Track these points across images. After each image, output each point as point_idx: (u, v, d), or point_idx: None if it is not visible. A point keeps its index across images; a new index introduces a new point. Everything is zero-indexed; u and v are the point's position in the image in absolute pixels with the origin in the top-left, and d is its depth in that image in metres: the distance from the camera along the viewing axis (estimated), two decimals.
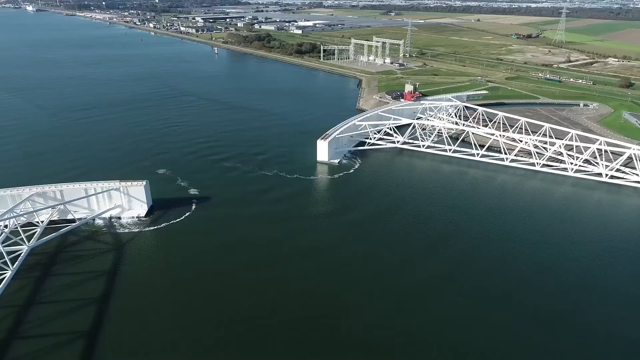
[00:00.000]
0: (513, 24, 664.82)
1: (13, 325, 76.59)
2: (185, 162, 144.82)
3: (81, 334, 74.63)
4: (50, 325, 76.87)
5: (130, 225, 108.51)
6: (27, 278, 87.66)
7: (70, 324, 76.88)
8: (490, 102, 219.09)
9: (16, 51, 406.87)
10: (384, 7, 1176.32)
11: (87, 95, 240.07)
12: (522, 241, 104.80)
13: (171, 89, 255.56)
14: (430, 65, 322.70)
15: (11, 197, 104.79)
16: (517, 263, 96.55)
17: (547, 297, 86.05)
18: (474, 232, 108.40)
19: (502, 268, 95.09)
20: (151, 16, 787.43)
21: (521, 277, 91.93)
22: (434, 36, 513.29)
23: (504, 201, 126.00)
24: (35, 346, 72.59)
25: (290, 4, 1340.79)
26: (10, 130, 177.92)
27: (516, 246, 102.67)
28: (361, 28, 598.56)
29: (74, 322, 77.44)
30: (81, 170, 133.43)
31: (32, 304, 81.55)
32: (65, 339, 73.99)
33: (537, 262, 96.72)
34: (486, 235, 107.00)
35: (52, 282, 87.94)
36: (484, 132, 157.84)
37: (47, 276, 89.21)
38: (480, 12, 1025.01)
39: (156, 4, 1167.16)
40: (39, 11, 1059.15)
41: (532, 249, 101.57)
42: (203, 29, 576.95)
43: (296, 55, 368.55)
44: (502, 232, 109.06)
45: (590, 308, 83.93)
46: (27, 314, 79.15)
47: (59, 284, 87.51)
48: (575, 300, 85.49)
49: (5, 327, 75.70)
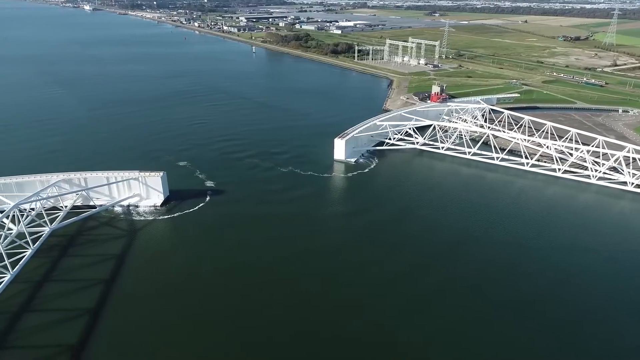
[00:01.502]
0: (562, 26, 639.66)
1: (28, 298, 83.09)
2: (205, 157, 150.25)
3: (87, 311, 79.98)
4: (61, 301, 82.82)
5: (146, 214, 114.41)
6: (46, 257, 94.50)
7: (78, 301, 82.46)
8: (522, 105, 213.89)
9: (68, 48, 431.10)
10: (429, 7, 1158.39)
11: (125, 90, 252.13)
12: (540, 249, 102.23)
13: (205, 87, 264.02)
14: (466, 67, 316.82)
15: (40, 182, 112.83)
16: (535, 272, 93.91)
17: (567, 308, 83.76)
18: (490, 238, 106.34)
19: (519, 276, 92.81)
20: (197, 15, 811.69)
21: (539, 287, 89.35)
22: (474, 37, 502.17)
23: (523, 207, 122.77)
24: (45, 319, 78.61)
25: (335, 4, 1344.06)
26: (54, 121, 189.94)
27: (534, 254, 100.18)
28: (402, 29, 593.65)
29: (82, 299, 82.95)
30: (107, 160, 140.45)
31: (47, 281, 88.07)
32: (73, 314, 79.46)
33: (555, 272, 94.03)
34: (503, 242, 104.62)
35: (68, 262, 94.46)
36: (505, 136, 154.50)
37: (63, 256, 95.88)
38: (530, 13, 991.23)
39: (204, 4, 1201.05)
40: (95, 10, 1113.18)
41: (550, 258, 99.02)
42: (245, 28, 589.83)
43: (331, 55, 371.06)
44: (519, 238, 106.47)
45: (610, 321, 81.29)
46: (41, 289, 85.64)
47: (74, 264, 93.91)
48: (596, 313, 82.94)
49: (21, 301, 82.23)
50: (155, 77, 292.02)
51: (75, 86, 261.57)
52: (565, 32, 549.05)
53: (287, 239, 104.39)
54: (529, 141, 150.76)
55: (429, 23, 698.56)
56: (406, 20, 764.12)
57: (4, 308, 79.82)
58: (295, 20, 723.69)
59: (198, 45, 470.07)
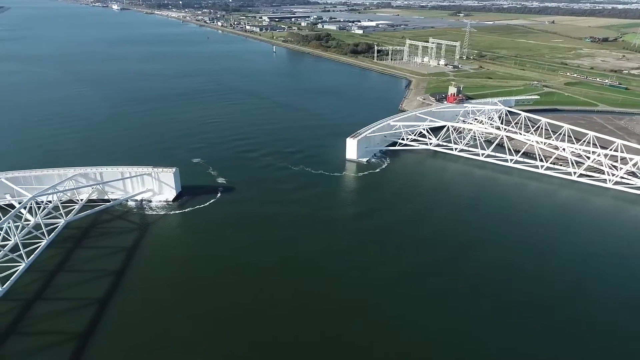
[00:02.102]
0: (591, 27, 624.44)
1: (41, 287, 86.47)
2: (219, 154, 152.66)
3: (96, 301, 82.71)
4: (72, 291, 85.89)
5: (158, 208, 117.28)
6: (60, 248, 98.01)
7: (88, 291, 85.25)
8: (542, 107, 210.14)
9: (94, 47, 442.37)
10: (454, 7, 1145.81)
11: (145, 89, 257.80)
12: (554, 253, 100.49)
13: (224, 86, 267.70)
14: (487, 68, 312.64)
15: (58, 175, 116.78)
16: (550, 276, 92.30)
17: (582, 313, 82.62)
18: (503, 241, 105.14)
19: (533, 280, 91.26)
20: (221, 15, 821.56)
21: (554, 291, 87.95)
22: (498, 38, 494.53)
23: (537, 210, 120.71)
24: (56, 307, 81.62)
25: (358, 4, 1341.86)
26: (76, 118, 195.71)
27: (548, 258, 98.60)
28: (424, 29, 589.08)
29: (92, 290, 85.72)
30: (124, 156, 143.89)
31: (60, 271, 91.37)
32: (83, 303, 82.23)
33: (570, 277, 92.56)
34: (516, 246, 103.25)
35: (81, 253, 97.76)
36: (520, 137, 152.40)
37: (77, 248, 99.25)
38: (558, 13, 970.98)
39: (229, 3, 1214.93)
40: (123, 10, 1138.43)
41: (565, 262, 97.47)
42: (267, 27, 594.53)
43: (351, 55, 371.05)
44: (533, 242, 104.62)
45: (625, 327, 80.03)
46: (53, 279, 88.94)
47: (86, 255, 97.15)
48: (610, 319, 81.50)
49: (34, 289, 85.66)
50: (176, 76, 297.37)
51: (99, 84, 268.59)
52: (593, 33, 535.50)
53: (295, 238, 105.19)
54: (545, 144, 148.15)
55: (453, 23, 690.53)
56: (429, 21, 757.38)
57: (18, 295, 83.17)
58: (318, 20, 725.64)
59: (220, 45, 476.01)
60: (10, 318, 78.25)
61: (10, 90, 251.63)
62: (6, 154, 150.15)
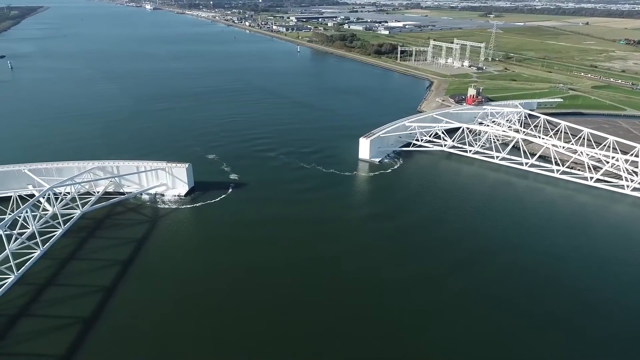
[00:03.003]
0: (627, 28, 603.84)
1: (53, 273, 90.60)
2: (234, 152, 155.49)
3: (104, 288, 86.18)
4: (82, 278, 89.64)
5: (171, 202, 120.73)
6: (75, 237, 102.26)
7: (98, 279, 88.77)
8: (565, 111, 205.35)
9: (125, 45, 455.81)
10: (484, 8, 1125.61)
11: (170, 86, 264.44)
12: (571, 260, 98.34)
13: (246, 85, 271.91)
14: (512, 70, 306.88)
15: (77, 168, 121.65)
16: (565, 284, 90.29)
17: (601, 323, 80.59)
18: (516, 247, 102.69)
19: (548, 287, 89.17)
20: (249, 15, 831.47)
21: (571, 300, 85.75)
22: (527, 39, 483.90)
23: (552, 216, 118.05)
24: (67, 292, 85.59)
25: (387, 5, 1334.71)
26: (101, 113, 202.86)
27: (565, 265, 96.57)
28: (452, 30, 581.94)
29: (101, 277, 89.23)
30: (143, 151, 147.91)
31: (72, 259, 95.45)
32: (92, 290, 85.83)
33: (587, 285, 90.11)
34: (529, 252, 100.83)
35: (94, 243, 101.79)
36: (538, 141, 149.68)
37: (90, 237, 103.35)
38: (594, 14, 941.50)
39: (258, 3, 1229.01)
40: (155, 9, 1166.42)
41: (582, 270, 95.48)
42: (293, 28, 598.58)
43: (374, 56, 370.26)
44: (549, 248, 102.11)
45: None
46: (65, 266, 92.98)
47: (99, 245, 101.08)
48: (630, 329, 79.61)
49: (47, 275, 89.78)
50: (201, 74, 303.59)
51: (126, 81, 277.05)
52: (628, 35, 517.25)
53: (299, 238, 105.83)
54: (563, 148, 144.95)
55: (482, 24, 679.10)
56: (458, 22, 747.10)
57: (32, 281, 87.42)
58: (345, 21, 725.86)
59: (246, 44, 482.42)
60: (23, 301, 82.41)
61: (45, 86, 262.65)
62: (32, 146, 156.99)
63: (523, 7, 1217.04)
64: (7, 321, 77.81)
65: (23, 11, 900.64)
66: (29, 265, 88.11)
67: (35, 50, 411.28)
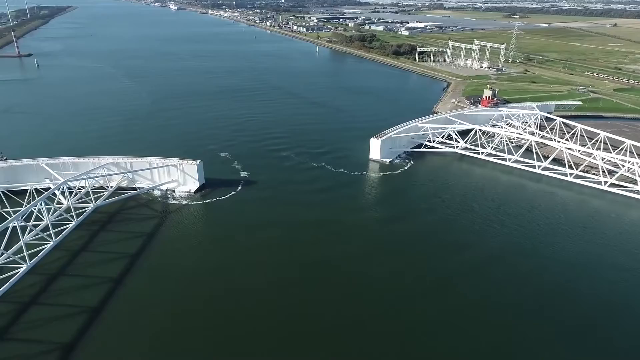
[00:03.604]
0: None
1: (65, 264, 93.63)
2: (246, 150, 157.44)
3: (111, 280, 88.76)
4: (92, 269, 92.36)
5: (181, 198, 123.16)
6: (86, 230, 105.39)
7: (107, 271, 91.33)
8: (584, 114, 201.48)
9: (148, 44, 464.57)
10: (509, 9, 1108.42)
11: (188, 85, 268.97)
12: (587, 266, 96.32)
13: (262, 84, 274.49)
14: (532, 72, 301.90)
15: (92, 163, 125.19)
16: (582, 291, 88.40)
17: (623, 334, 79.04)
18: (529, 252, 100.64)
19: (564, 294, 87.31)
20: (270, 15, 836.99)
21: (590, 309, 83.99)
22: (550, 41, 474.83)
23: (565, 220, 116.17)
24: (77, 283, 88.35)
25: (410, 5, 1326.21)
26: (121, 110, 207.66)
27: (581, 272, 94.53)
28: (474, 31, 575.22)
29: (110, 269, 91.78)
30: (157, 148, 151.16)
31: (83, 251, 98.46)
32: (100, 281, 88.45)
33: (606, 293, 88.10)
34: (543, 257, 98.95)
35: (105, 236, 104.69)
36: (549, 143, 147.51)
37: (101, 231, 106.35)
38: (622, 15, 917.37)
39: (281, 4, 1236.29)
40: (179, 9, 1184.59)
41: (600, 277, 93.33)
42: (313, 28, 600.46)
43: (392, 57, 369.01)
44: (565, 255, 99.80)
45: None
46: (76, 258, 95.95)
47: (109, 238, 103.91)
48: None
49: (58, 266, 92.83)
50: (219, 73, 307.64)
51: (147, 79, 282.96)
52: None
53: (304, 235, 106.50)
54: (578, 151, 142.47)
55: (505, 25, 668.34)
56: (481, 23, 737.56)
57: (44, 271, 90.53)
58: (366, 21, 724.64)
59: (266, 44, 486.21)
60: (34, 290, 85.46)
61: (68, 84, 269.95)
62: (52, 141, 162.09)
63: (549, 7, 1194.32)
64: (19, 308, 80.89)
65: (52, 11, 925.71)
66: (41, 256, 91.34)
67: (61, 48, 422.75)
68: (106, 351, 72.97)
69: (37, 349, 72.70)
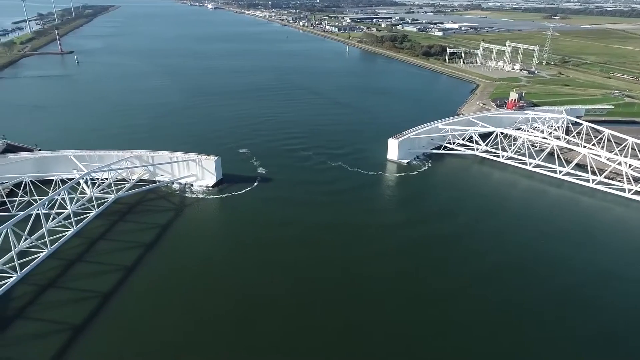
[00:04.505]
0: None
1: (83, 251, 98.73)
2: (265, 147, 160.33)
3: (123, 267, 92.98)
4: (108, 257, 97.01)
5: (198, 192, 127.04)
6: (106, 220, 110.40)
7: (121, 258, 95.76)
8: (618, 119, 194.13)
9: (183, 43, 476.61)
10: (550, 10, 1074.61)
11: (217, 83, 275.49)
12: (617, 278, 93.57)
13: (290, 84, 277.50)
14: (566, 75, 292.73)
15: (116, 156, 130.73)
16: (613, 304, 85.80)
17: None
18: (552, 263, 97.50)
19: (594, 308, 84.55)
20: (304, 15, 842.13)
21: (620, 322, 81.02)
22: (590, 43, 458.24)
23: (589, 230, 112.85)
24: (93, 269, 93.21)
25: (447, 6, 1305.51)
26: (150, 107, 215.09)
27: (610, 283, 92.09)
28: (510, 32, 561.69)
29: (124, 257, 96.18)
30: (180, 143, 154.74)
31: (101, 239, 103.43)
32: (114, 268, 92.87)
33: (629, 309, 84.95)
34: (567, 268, 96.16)
35: (123, 226, 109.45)
36: (573, 148, 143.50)
37: (120, 221, 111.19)
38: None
39: (316, 3, 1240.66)
40: (216, 9, 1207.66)
41: (630, 287, 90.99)
42: (345, 28, 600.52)
43: (422, 57, 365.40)
44: (588, 264, 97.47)
45: None
46: (94, 245, 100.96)
47: (127, 228, 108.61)
48: None
49: (76, 252, 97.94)
50: (248, 72, 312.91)
51: (178, 77, 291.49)
52: None
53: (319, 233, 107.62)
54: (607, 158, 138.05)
55: (543, 27, 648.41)
56: (518, 23, 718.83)
57: (64, 257, 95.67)
58: (399, 21, 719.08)
59: (296, 44, 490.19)
60: (54, 274, 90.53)
61: (104, 80, 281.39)
62: (83, 134, 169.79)
63: (593, 8, 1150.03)
64: (38, 290, 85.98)
65: (96, 10, 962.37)
66: (62, 242, 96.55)
67: (100, 46, 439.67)
68: (113, 333, 77.00)
69: (51, 328, 77.18)
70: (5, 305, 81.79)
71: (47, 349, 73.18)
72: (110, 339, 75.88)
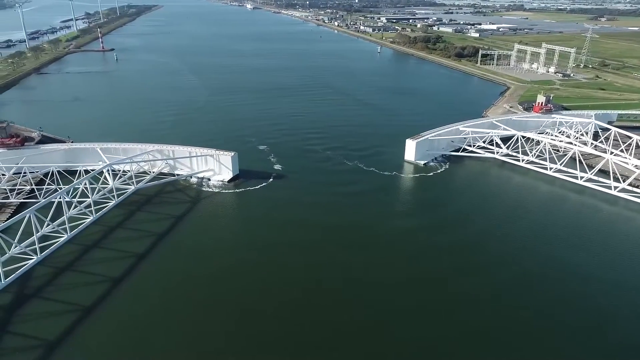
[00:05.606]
0: None
1: (100, 237, 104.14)
2: (285, 145, 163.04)
3: (137, 255, 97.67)
4: (123, 244, 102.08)
5: (215, 187, 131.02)
6: (125, 209, 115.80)
7: (136, 247, 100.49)
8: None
9: (217, 42, 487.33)
10: (597, 11, 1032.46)
11: (245, 81, 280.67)
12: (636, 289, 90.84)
13: (318, 83, 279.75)
14: (604, 79, 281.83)
15: (139, 149, 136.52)
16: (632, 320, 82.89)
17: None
18: (574, 274, 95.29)
19: (620, 321, 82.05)
20: (340, 15, 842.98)
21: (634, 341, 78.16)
22: (635, 46, 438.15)
23: (611, 239, 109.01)
24: (107, 255, 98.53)
25: (487, 6, 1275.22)
26: (178, 103, 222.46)
27: (634, 295, 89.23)
28: (550, 34, 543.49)
29: (139, 245, 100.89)
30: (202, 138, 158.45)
31: (118, 227, 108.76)
32: (128, 255, 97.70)
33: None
34: (590, 280, 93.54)
35: (140, 215, 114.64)
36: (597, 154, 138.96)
37: (138, 211, 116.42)
38: None
39: (353, 3, 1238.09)
40: (255, 9, 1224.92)
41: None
42: (380, 28, 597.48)
43: (454, 59, 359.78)
44: (609, 274, 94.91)
45: None
46: (111, 233, 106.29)
47: (143, 218, 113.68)
48: None
49: (94, 238, 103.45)
50: (278, 71, 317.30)
51: (208, 75, 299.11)
52: None
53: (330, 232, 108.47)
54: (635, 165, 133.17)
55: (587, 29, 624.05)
56: (560, 25, 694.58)
57: (82, 242, 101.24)
58: (436, 22, 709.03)
59: (330, 44, 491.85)
60: (71, 258, 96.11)
61: (139, 77, 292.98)
62: (113, 128, 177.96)
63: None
64: (55, 272, 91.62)
65: (139, 9, 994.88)
66: (81, 229, 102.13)
67: (139, 44, 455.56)
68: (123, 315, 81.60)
69: (65, 308, 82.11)
70: (25, 285, 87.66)
71: (60, 326, 78.03)
72: (120, 320, 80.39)
